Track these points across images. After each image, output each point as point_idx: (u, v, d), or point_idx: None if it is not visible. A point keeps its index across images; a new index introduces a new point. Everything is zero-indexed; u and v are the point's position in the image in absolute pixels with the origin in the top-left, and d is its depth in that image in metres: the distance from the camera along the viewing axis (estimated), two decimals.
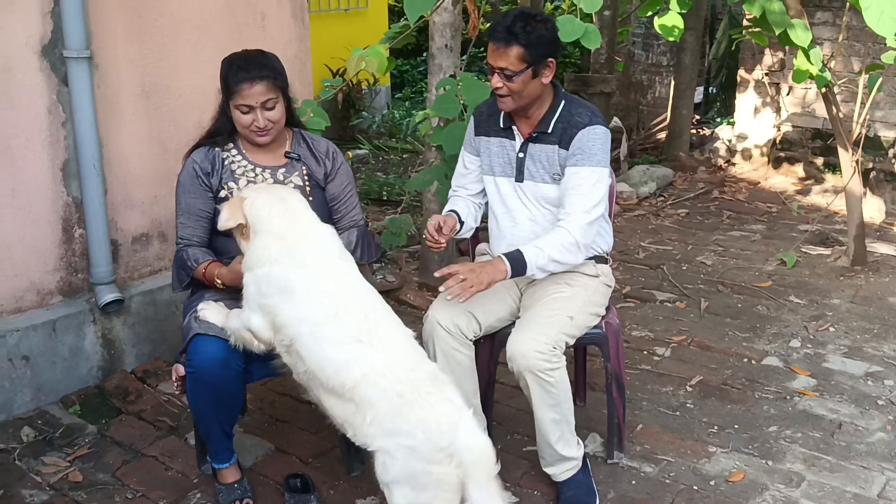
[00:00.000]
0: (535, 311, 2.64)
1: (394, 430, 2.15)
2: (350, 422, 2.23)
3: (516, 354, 2.52)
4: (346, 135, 7.71)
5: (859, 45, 5.97)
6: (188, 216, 2.66)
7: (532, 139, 2.72)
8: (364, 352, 2.21)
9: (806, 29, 4.04)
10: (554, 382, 2.53)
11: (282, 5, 3.85)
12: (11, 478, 2.83)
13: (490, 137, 2.81)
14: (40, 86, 3.10)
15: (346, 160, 2.85)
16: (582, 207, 2.62)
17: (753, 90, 6.95)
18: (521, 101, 2.65)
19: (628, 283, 4.56)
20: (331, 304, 2.27)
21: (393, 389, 2.16)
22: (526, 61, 2.57)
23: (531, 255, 2.56)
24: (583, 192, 2.63)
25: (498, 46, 2.58)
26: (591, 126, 2.66)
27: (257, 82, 2.54)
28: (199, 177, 2.64)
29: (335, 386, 2.21)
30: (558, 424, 2.62)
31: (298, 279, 2.30)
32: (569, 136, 2.66)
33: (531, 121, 2.73)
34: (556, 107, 2.71)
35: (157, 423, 3.17)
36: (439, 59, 4.07)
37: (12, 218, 3.10)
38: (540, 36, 2.58)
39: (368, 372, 2.18)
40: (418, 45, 9.31)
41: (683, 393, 3.41)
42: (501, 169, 2.79)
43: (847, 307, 4.24)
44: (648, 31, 8.05)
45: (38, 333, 3.19)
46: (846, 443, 3.03)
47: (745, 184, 6.66)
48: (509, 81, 2.59)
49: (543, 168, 2.72)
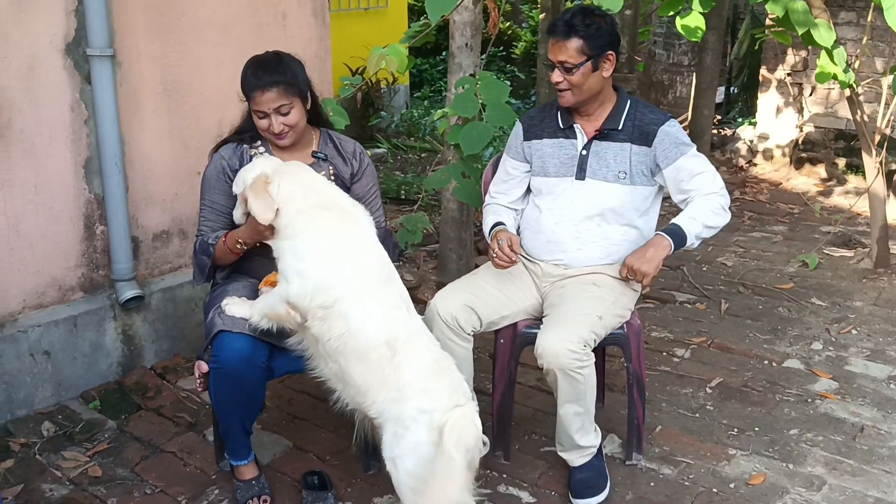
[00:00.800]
0: (564, 309, 2.65)
1: (425, 390, 2.24)
2: (375, 388, 2.29)
3: (547, 352, 2.53)
4: (365, 134, 7.72)
5: (883, 45, 5.90)
6: (211, 212, 2.67)
7: (600, 136, 2.74)
8: (404, 318, 2.37)
9: (829, 29, 4.00)
10: (582, 380, 2.56)
11: (302, 5, 3.86)
12: (32, 472, 2.85)
13: (543, 139, 2.83)
14: (64, 84, 3.13)
15: (372, 162, 2.86)
16: (711, 179, 2.69)
17: (776, 90, 6.89)
18: (582, 96, 2.69)
19: (648, 284, 4.53)
20: (377, 270, 2.38)
21: (430, 356, 2.34)
22: (585, 54, 2.62)
23: (688, 226, 2.64)
24: (702, 171, 2.69)
25: (557, 40, 2.64)
26: (668, 121, 2.74)
27: (268, 90, 2.53)
28: (226, 173, 2.64)
29: (377, 345, 2.27)
30: (580, 416, 2.66)
31: (340, 241, 2.37)
32: (647, 134, 2.71)
33: (596, 118, 2.76)
34: (623, 105, 2.76)
35: (176, 419, 3.19)
36: (459, 58, 4.07)
37: (35, 214, 3.13)
38: (598, 28, 2.63)
39: (411, 335, 2.35)
40: (438, 44, 9.30)
41: (703, 395, 3.38)
42: (556, 169, 2.80)
43: (870, 310, 4.19)
44: (670, 31, 8.01)
45: (60, 329, 3.22)
46: (868, 447, 3.00)
47: (766, 184, 6.60)
48: (569, 74, 2.64)
49: (608, 166, 2.73)
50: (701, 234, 2.67)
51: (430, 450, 2.17)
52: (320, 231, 2.36)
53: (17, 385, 3.13)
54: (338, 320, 2.29)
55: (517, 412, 3.07)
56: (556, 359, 2.51)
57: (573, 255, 2.78)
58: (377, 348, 2.27)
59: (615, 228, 2.77)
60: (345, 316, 2.29)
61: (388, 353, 2.27)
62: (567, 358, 2.50)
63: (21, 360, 3.13)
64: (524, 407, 3.24)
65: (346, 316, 2.29)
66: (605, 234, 2.76)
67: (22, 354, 3.13)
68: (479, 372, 2.99)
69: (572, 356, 2.50)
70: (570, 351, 2.50)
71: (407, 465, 2.21)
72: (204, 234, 2.65)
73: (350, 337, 2.29)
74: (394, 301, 2.37)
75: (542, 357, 2.54)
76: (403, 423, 2.22)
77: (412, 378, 2.26)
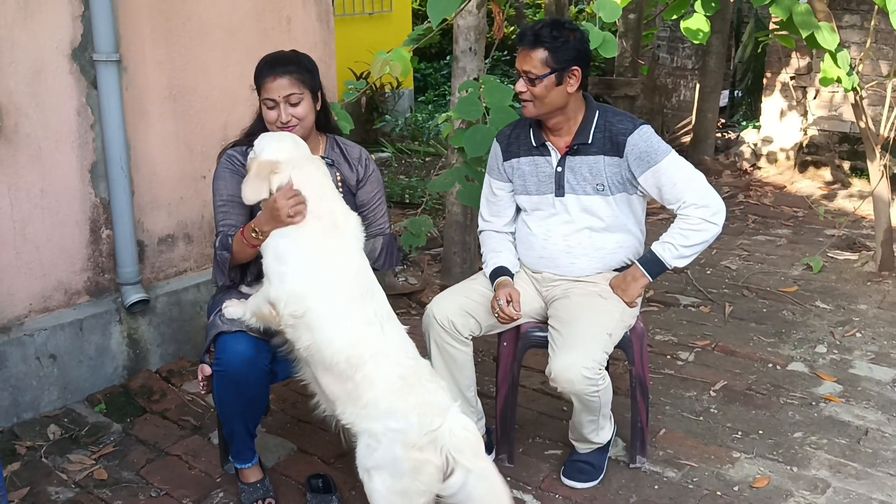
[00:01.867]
0: (574, 328, 2.61)
1: (388, 410, 2.20)
2: (342, 400, 2.27)
3: (562, 378, 2.52)
4: (370, 138, 7.74)
5: (887, 48, 5.90)
6: (231, 205, 2.60)
7: (571, 152, 2.71)
8: (375, 334, 2.29)
9: (833, 32, 4.00)
10: (597, 399, 2.60)
11: (307, 9, 3.88)
12: (38, 475, 2.87)
13: (520, 158, 2.81)
14: (70, 88, 3.15)
15: (377, 168, 2.86)
16: (688, 188, 2.64)
17: (780, 93, 6.89)
18: (543, 108, 2.65)
19: (652, 287, 4.53)
20: (353, 284, 2.33)
21: (396, 372, 2.25)
22: (549, 66, 2.57)
23: (666, 254, 2.66)
24: (677, 179, 2.64)
25: (524, 48, 2.61)
26: (638, 128, 2.67)
27: (280, 76, 2.56)
28: (237, 168, 2.62)
29: (339, 361, 2.24)
30: (594, 422, 2.72)
31: (321, 253, 2.34)
32: (615, 144, 2.66)
33: (566, 134, 2.73)
34: (592, 118, 2.70)
35: (181, 423, 3.20)
36: (463, 62, 4.08)
37: (41, 218, 3.15)
38: (566, 42, 2.59)
39: (378, 352, 2.25)
40: (442, 48, 9.32)
41: (707, 398, 3.38)
42: (537, 187, 2.78)
43: (874, 313, 4.19)
44: (674, 34, 8.01)
45: (66, 333, 3.23)
46: (872, 450, 2.99)
47: (770, 188, 6.60)
48: (532, 85, 2.60)
49: (585, 180, 2.71)
50: (682, 255, 2.65)
51: (408, 465, 2.17)
52: (304, 239, 2.34)
53: (24, 388, 3.15)
54: (305, 331, 2.29)
55: (521, 415, 3.07)
56: (572, 385, 2.51)
57: (567, 268, 2.78)
58: (339, 364, 2.25)
59: (607, 237, 2.75)
60: (312, 328, 2.28)
61: (349, 369, 2.24)
62: (583, 384, 2.50)
63: (27, 364, 3.14)
64: (528, 410, 3.24)
65: (313, 328, 2.28)
66: (596, 245, 2.75)
67: (28, 358, 3.14)
68: (482, 375, 3.00)
69: (588, 382, 2.50)
70: (586, 378, 2.49)
71: (384, 477, 2.20)
72: (225, 230, 2.59)
73: (316, 349, 2.29)
74: (367, 317, 2.30)
75: (557, 382, 2.54)
76: (375, 437, 2.21)
77: (375, 397, 2.21)
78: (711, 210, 2.64)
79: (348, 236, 2.42)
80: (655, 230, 5.90)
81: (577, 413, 2.68)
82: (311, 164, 2.46)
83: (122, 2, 3.21)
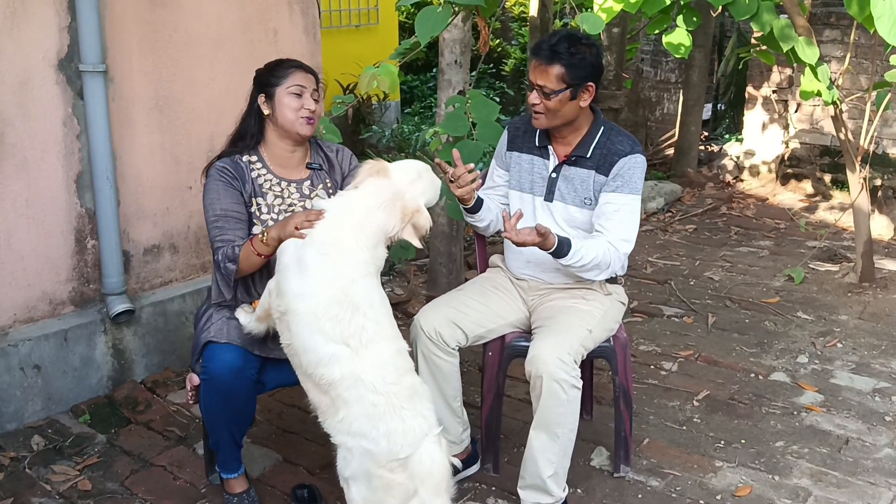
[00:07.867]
0: (555, 321, 2.66)
1: (360, 432, 2.20)
2: (322, 410, 2.29)
3: (536, 359, 2.52)
4: (356, 149, 7.74)
5: (867, 62, 5.98)
6: (226, 220, 2.56)
7: (569, 162, 2.74)
8: (348, 356, 2.21)
9: (813, 46, 4.06)
10: (565, 399, 2.51)
11: (294, 22, 3.90)
12: (21, 486, 2.85)
13: (522, 154, 2.84)
14: (56, 99, 3.15)
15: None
16: (620, 235, 2.64)
17: (761, 107, 6.98)
18: (555, 121, 2.68)
19: (636, 298, 4.57)
20: (336, 300, 2.24)
21: (368, 398, 2.19)
22: (565, 82, 2.59)
23: (577, 247, 2.57)
24: (620, 217, 2.65)
25: (540, 63, 2.60)
26: (633, 154, 2.68)
27: (307, 73, 2.66)
28: (228, 180, 2.59)
29: (312, 374, 2.25)
30: (554, 460, 2.57)
31: (316, 264, 2.30)
32: (609, 163, 2.68)
33: (568, 143, 2.75)
34: (596, 132, 2.73)
35: (166, 433, 3.19)
36: (449, 75, 4.11)
37: (26, 228, 3.14)
38: (583, 58, 2.60)
39: (347, 375, 2.20)
40: (428, 60, 9.37)
41: (690, 407, 3.41)
42: (529, 186, 2.82)
43: (855, 323, 4.24)
44: (657, 48, 8.11)
45: (50, 343, 3.22)
46: (853, 458, 3.03)
47: (752, 200, 6.67)
48: (546, 99, 2.62)
49: (575, 191, 2.74)
50: (577, 263, 2.58)
51: (380, 482, 2.19)
52: (321, 255, 2.30)
53: (7, 399, 3.13)
54: (286, 330, 2.31)
55: (506, 425, 3.08)
56: (546, 366, 2.50)
57: (552, 274, 2.81)
58: (319, 378, 2.24)
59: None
60: (290, 330, 2.29)
61: (322, 384, 2.24)
62: (555, 366, 2.50)
63: (11, 374, 3.13)
64: (513, 419, 3.26)
65: (292, 331, 2.28)
66: None
67: (12, 368, 3.13)
68: (468, 385, 3.01)
69: (561, 366, 2.50)
70: (560, 361, 2.50)
71: (360, 487, 2.23)
72: (226, 244, 2.54)
73: (293, 353, 2.31)
74: (343, 337, 2.22)
75: (531, 363, 2.54)
76: (350, 451, 2.23)
77: (348, 416, 2.21)
78: (618, 255, 2.63)
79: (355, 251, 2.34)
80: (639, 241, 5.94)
81: (538, 425, 2.55)
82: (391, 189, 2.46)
83: (109, 13, 3.22)
